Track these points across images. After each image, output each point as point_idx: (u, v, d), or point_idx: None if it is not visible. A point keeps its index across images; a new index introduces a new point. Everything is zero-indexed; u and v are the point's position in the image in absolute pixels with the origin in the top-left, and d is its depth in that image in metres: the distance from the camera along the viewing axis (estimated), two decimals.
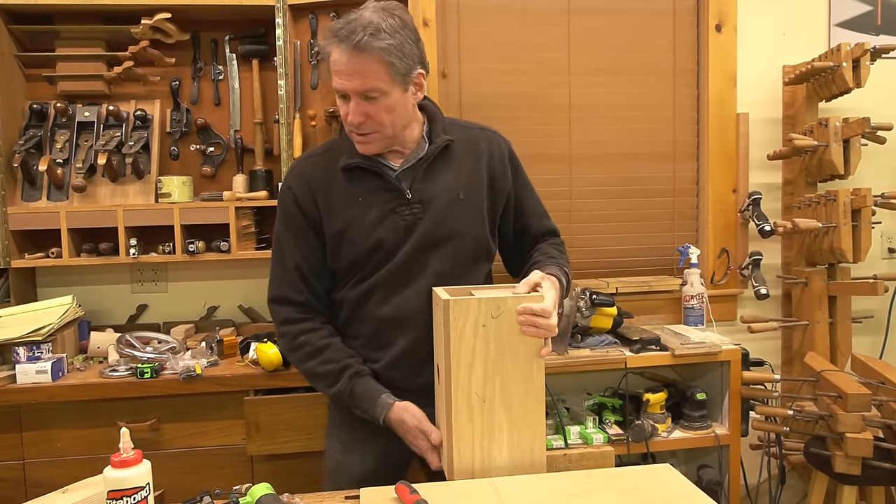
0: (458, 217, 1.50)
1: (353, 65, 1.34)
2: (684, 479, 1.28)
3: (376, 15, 1.35)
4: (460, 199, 1.50)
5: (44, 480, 1.94)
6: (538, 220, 1.64)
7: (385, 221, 1.46)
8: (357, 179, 1.48)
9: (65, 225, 2.19)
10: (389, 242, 1.46)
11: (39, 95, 2.34)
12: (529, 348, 1.29)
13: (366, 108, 1.38)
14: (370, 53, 1.33)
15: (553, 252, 1.57)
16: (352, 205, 1.47)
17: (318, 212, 1.49)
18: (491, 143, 1.58)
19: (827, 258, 2.44)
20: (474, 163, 1.54)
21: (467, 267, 1.53)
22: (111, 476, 1.02)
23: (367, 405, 1.46)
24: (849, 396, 1.93)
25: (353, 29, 1.33)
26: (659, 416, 2.22)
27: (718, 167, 2.61)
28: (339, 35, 1.34)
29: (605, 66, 2.59)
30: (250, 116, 2.42)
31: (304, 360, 1.52)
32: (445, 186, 1.49)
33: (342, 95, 1.39)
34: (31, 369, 1.95)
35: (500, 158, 1.57)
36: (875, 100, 2.57)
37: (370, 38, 1.32)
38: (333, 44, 1.36)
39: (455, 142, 1.52)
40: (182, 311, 2.50)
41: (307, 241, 1.51)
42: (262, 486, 1.17)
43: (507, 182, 1.58)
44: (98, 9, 2.24)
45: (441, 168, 1.50)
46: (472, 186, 1.52)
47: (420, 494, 1.17)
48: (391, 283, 1.48)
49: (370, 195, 1.47)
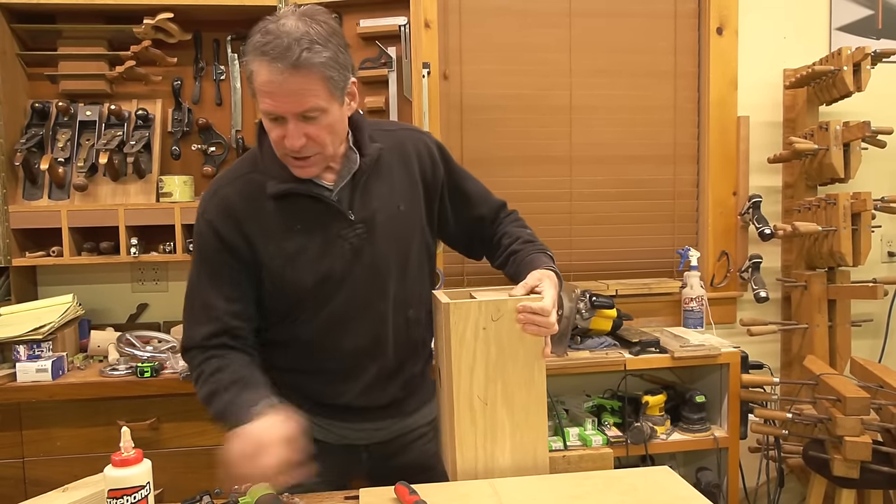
0: (402, 229, 1.42)
1: (290, 84, 1.18)
2: (683, 482, 1.28)
3: (303, 24, 1.19)
4: (400, 211, 1.41)
5: (43, 479, 1.94)
6: (486, 202, 1.55)
7: (331, 248, 1.33)
8: (291, 205, 1.32)
9: (66, 224, 2.19)
10: (338, 270, 1.34)
11: (41, 94, 2.35)
12: (530, 350, 1.29)
13: (305, 130, 1.22)
14: (308, 70, 1.18)
15: (526, 236, 1.50)
16: (290, 234, 1.32)
17: (246, 244, 1.32)
18: (418, 143, 1.46)
19: (827, 262, 2.44)
20: (406, 168, 1.43)
21: (416, 279, 1.46)
22: (111, 475, 1.02)
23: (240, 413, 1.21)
24: (848, 400, 1.93)
25: (286, 45, 1.16)
26: (658, 418, 2.22)
27: (719, 170, 2.61)
28: (269, 52, 1.17)
29: (605, 69, 2.59)
30: (252, 116, 2.42)
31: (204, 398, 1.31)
32: (384, 201, 1.38)
33: (274, 118, 1.22)
34: (32, 368, 1.96)
35: (428, 157, 1.46)
36: (875, 104, 2.57)
37: (307, 54, 1.17)
38: (261, 62, 1.18)
39: (384, 149, 1.40)
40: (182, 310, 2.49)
41: (233, 281, 1.33)
42: (262, 486, 1.17)
43: (439, 179, 1.48)
44: (100, 8, 2.24)
45: (376, 182, 1.38)
46: (408, 194, 1.43)
47: (419, 495, 1.18)
48: (349, 312, 1.37)
49: (309, 221, 1.33)
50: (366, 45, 2.35)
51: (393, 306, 1.40)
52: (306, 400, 1.43)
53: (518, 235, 1.50)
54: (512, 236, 1.51)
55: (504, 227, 1.55)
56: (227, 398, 1.24)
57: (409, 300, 1.43)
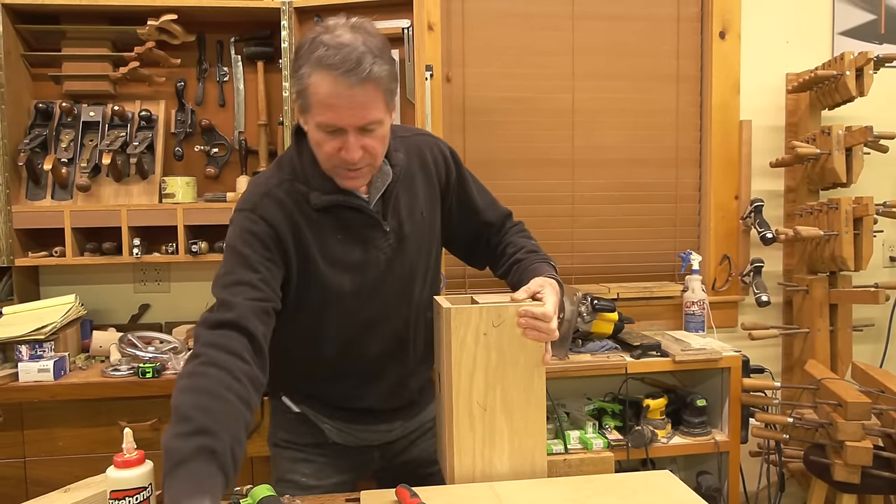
0: (425, 236, 1.45)
1: (357, 98, 1.18)
2: (683, 486, 1.28)
3: (360, 36, 1.19)
4: (423, 217, 1.44)
5: (45, 479, 1.95)
6: (493, 209, 1.57)
7: (368, 259, 1.35)
8: (334, 216, 1.33)
9: (68, 224, 2.20)
10: (371, 280, 1.36)
11: (45, 95, 2.35)
12: (531, 357, 1.29)
13: (363, 142, 1.23)
14: (375, 84, 1.19)
15: (530, 246, 1.50)
16: (333, 244, 1.33)
17: (296, 248, 1.31)
18: (433, 149, 1.48)
19: (828, 266, 2.44)
20: (426, 175, 1.45)
21: (436, 278, 1.51)
22: (114, 476, 1.02)
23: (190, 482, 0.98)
24: (849, 405, 1.93)
25: (356, 59, 1.16)
26: (659, 421, 2.22)
27: (721, 174, 2.61)
28: (339, 66, 1.16)
29: (608, 72, 2.59)
30: (254, 118, 2.42)
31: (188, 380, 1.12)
32: (410, 209, 1.41)
33: (332, 131, 1.22)
34: (34, 368, 1.96)
35: (443, 162, 1.48)
36: (878, 108, 2.57)
37: (376, 68, 1.18)
38: (326, 75, 1.17)
39: (403, 156, 1.41)
40: (184, 311, 2.50)
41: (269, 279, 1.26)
42: (263, 488, 1.17)
43: (452, 184, 1.50)
44: (104, 9, 2.25)
45: (402, 190, 1.40)
46: (429, 201, 1.45)
47: (420, 498, 1.18)
48: (378, 319, 1.40)
49: (351, 232, 1.34)
50: None
51: (416, 310, 1.44)
52: (326, 406, 1.48)
53: (522, 245, 1.51)
54: (516, 246, 1.52)
55: (509, 236, 1.56)
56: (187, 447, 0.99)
57: (428, 303, 1.46)
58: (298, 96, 1.23)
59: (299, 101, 1.23)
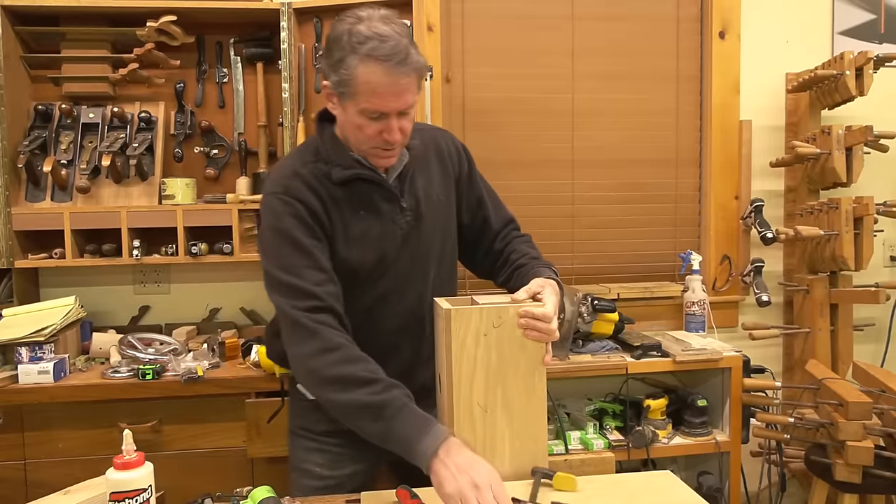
0: (442, 219, 1.52)
1: (402, 84, 1.29)
2: (684, 486, 1.28)
3: (395, 27, 1.29)
4: (440, 201, 1.51)
5: (45, 481, 1.94)
6: (496, 210, 1.61)
7: (387, 233, 1.43)
8: (355, 190, 1.41)
9: (68, 226, 2.19)
10: (390, 253, 1.43)
11: (44, 97, 2.35)
12: (531, 357, 1.29)
13: (401, 124, 1.34)
14: (416, 72, 1.31)
15: (533, 253, 1.55)
16: (355, 218, 1.41)
17: (328, 221, 1.39)
18: (448, 141, 1.57)
19: (829, 266, 2.44)
20: (441, 163, 1.53)
21: (452, 268, 1.57)
22: (113, 478, 1.02)
23: (415, 436, 1.22)
24: (850, 405, 1.93)
25: (402, 49, 1.26)
26: (659, 422, 2.22)
27: (721, 174, 2.61)
28: (390, 57, 1.25)
29: (608, 72, 2.59)
30: (254, 119, 2.42)
31: (342, 364, 1.29)
32: (426, 191, 1.48)
33: (376, 116, 1.31)
34: (34, 370, 1.96)
35: (455, 153, 1.57)
36: (878, 108, 2.57)
37: (417, 57, 1.30)
38: (376, 65, 1.26)
39: (418, 143, 1.49)
40: (184, 312, 2.50)
41: (325, 249, 1.38)
42: (263, 490, 1.17)
43: (464, 175, 1.57)
44: (104, 11, 2.25)
45: (418, 172, 1.48)
46: (444, 186, 1.53)
47: (420, 498, 1.18)
48: (395, 293, 1.45)
49: (370, 206, 1.42)
50: None
51: (430, 289, 1.48)
52: None
53: (525, 252, 1.54)
54: (519, 253, 1.55)
55: (513, 244, 1.58)
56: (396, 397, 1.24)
57: (445, 287, 1.51)
58: (340, 85, 1.30)
59: (340, 89, 1.31)
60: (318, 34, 2.36)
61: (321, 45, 2.37)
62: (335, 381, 1.27)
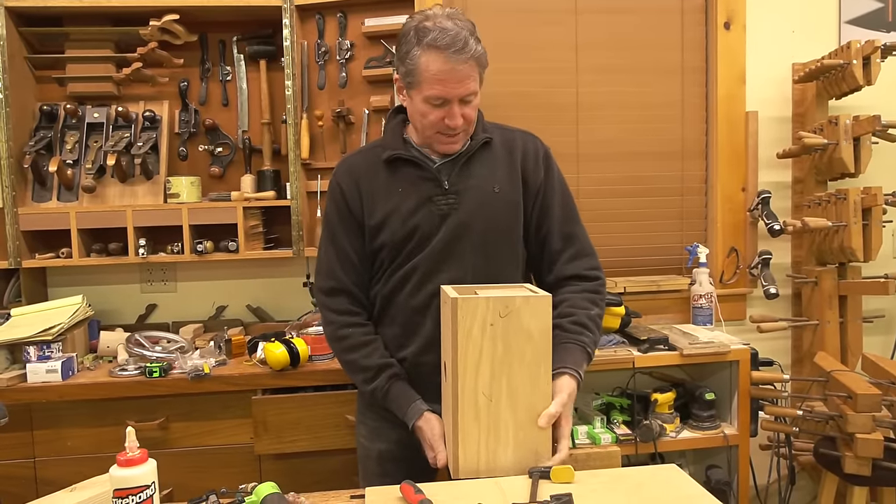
0: (493, 209, 1.53)
1: (462, 72, 1.41)
2: (690, 480, 1.27)
3: (459, 23, 1.42)
4: (495, 192, 1.54)
5: (54, 478, 1.96)
6: (562, 230, 1.59)
7: (421, 210, 1.51)
8: (398, 170, 1.54)
9: (75, 225, 2.21)
10: (424, 230, 1.50)
11: (49, 97, 2.36)
12: (537, 349, 1.28)
13: (464, 111, 1.46)
14: (476, 61, 1.42)
15: (580, 315, 1.51)
16: (392, 194, 1.52)
17: (361, 204, 1.55)
18: (527, 142, 1.62)
19: (837, 257, 2.42)
20: (510, 160, 1.58)
21: (500, 262, 1.55)
22: (117, 475, 1.02)
23: (400, 407, 1.51)
24: (859, 397, 1.91)
25: (464, 39, 1.39)
26: (667, 415, 2.21)
27: (727, 166, 2.59)
28: (451, 46, 1.38)
29: (612, 65, 2.58)
30: (258, 117, 2.43)
31: (345, 351, 1.57)
32: (481, 181, 1.54)
33: (440, 103, 1.44)
34: (42, 368, 1.97)
35: (534, 156, 1.60)
36: (885, 97, 2.54)
37: (478, 47, 1.42)
38: (438, 54, 1.39)
39: (493, 140, 1.57)
40: (191, 310, 2.51)
41: (354, 233, 1.56)
42: (268, 486, 1.17)
43: (539, 179, 1.58)
44: (107, 10, 2.26)
45: (478, 164, 1.55)
46: (507, 181, 1.56)
47: (425, 494, 1.17)
48: (425, 271, 1.51)
49: (409, 185, 1.52)
50: (371, 44, 2.35)
51: (469, 278, 1.50)
52: None
53: (572, 313, 1.51)
54: (568, 305, 1.52)
55: (568, 291, 1.56)
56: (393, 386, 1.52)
57: (492, 275, 1.52)
58: (407, 75, 1.45)
59: (407, 79, 1.46)
60: (320, 31, 2.36)
61: (323, 41, 2.37)
62: (343, 364, 1.59)
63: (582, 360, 1.45)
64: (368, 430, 1.66)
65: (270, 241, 2.40)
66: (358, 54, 2.36)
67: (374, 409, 1.64)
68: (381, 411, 1.62)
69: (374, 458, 1.63)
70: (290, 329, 2.27)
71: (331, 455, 1.98)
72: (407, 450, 1.60)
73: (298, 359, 2.02)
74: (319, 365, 2.07)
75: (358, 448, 1.71)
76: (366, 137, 2.35)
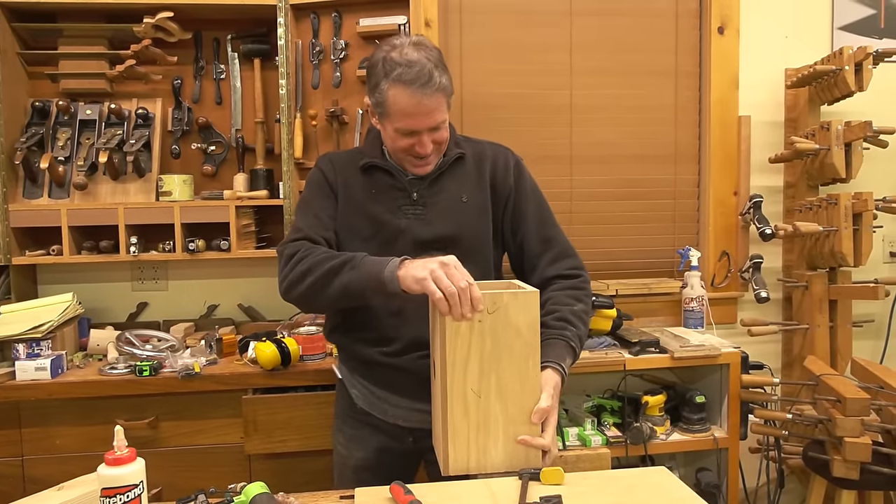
0: (461, 217, 1.57)
1: (429, 105, 1.43)
2: (680, 482, 1.27)
3: (423, 52, 1.44)
4: (463, 202, 1.58)
5: (43, 477, 1.95)
6: (539, 235, 1.61)
7: (390, 214, 1.54)
8: (372, 176, 1.58)
9: (66, 222, 2.19)
10: (388, 235, 1.53)
11: (42, 93, 2.35)
12: (526, 344, 1.28)
13: (433, 137, 1.49)
14: (442, 93, 1.45)
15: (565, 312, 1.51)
16: (364, 197, 1.57)
17: (338, 188, 1.59)
18: (497, 153, 1.65)
19: (828, 262, 2.43)
20: (479, 171, 1.61)
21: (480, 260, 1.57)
22: (105, 474, 1.02)
23: (376, 263, 1.37)
24: (847, 401, 1.92)
25: (428, 73, 1.41)
26: (658, 418, 2.22)
27: (720, 170, 2.60)
28: (415, 80, 1.41)
29: (606, 68, 2.58)
30: (251, 115, 2.42)
31: (308, 261, 1.45)
32: (449, 193, 1.58)
33: (407, 133, 1.47)
34: (31, 366, 1.96)
35: (503, 166, 1.63)
36: (877, 103, 2.56)
37: (443, 80, 1.44)
38: (404, 89, 1.42)
39: (465, 155, 1.60)
40: (182, 309, 2.50)
41: (329, 200, 1.59)
42: (257, 486, 1.17)
43: (508, 188, 1.61)
44: (100, 7, 2.25)
45: (449, 178, 1.58)
46: (474, 189, 1.59)
47: (414, 495, 1.17)
48: None
49: (380, 191, 1.57)
50: (365, 45, 2.35)
51: None
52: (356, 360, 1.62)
53: (555, 310, 1.51)
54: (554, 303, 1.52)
55: (552, 291, 1.56)
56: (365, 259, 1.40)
57: None
58: (377, 106, 1.49)
59: (378, 109, 1.50)
60: (314, 30, 2.36)
61: (318, 40, 2.36)
62: (308, 271, 1.44)
63: (565, 353, 1.45)
64: (347, 437, 1.67)
65: (263, 241, 2.39)
66: (352, 54, 2.36)
67: (354, 415, 1.64)
68: (361, 417, 1.62)
69: (351, 467, 1.64)
70: (281, 328, 2.27)
71: (321, 455, 1.97)
72: (386, 457, 1.61)
73: (289, 358, 2.01)
74: (310, 365, 2.06)
75: (335, 455, 1.71)
76: (359, 137, 2.35)
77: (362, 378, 1.62)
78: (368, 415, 1.62)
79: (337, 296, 1.41)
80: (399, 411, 1.59)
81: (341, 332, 1.63)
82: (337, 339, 1.66)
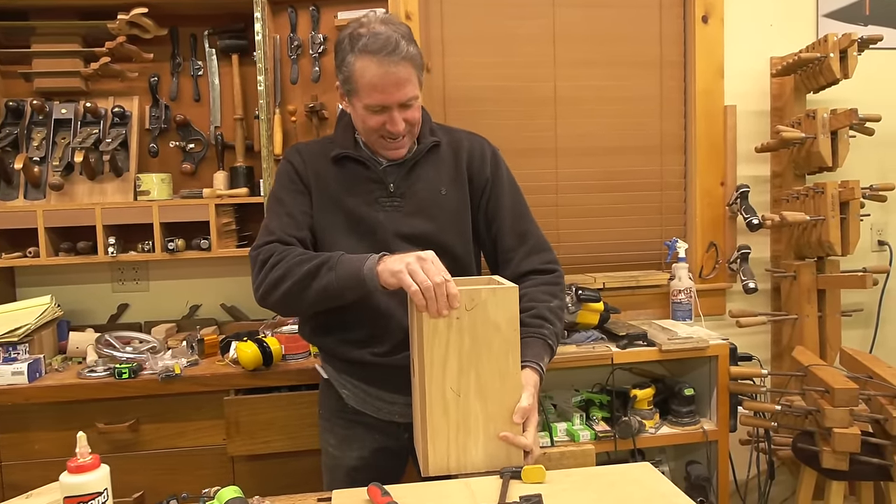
0: (440, 210, 1.54)
1: (398, 75, 1.38)
2: (663, 478, 1.25)
3: (392, 27, 1.40)
4: (442, 194, 1.54)
5: (21, 483, 1.91)
6: (515, 227, 1.57)
7: (367, 208, 1.50)
8: (345, 168, 1.53)
9: (42, 224, 2.16)
10: (366, 228, 1.50)
11: (15, 93, 2.31)
12: (505, 341, 1.26)
13: (405, 115, 1.44)
14: (410, 62, 1.40)
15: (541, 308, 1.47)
16: (338, 189, 1.52)
17: (310, 182, 1.53)
18: (473, 143, 1.61)
19: (815, 251, 2.42)
20: (456, 161, 1.58)
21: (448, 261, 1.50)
22: (67, 482, 0.99)
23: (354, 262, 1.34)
24: (836, 391, 1.90)
25: (395, 41, 1.36)
26: (647, 412, 2.20)
27: (706, 160, 2.58)
28: (381, 49, 1.36)
29: (590, 59, 2.55)
30: (230, 112, 2.38)
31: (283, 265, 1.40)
32: (427, 183, 1.54)
33: (378, 110, 1.42)
34: (7, 370, 1.92)
35: (480, 156, 1.60)
36: (863, 91, 2.54)
37: (412, 49, 1.39)
38: (370, 59, 1.37)
39: (441, 143, 1.57)
40: (164, 309, 2.47)
41: (302, 195, 1.53)
42: (231, 490, 1.14)
43: (485, 178, 1.58)
44: (74, 5, 2.20)
45: (425, 167, 1.54)
46: (453, 182, 1.56)
47: (392, 496, 1.15)
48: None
49: (355, 184, 1.52)
50: None
51: None
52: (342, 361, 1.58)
53: (532, 307, 1.48)
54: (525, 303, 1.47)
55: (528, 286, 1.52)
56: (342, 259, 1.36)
57: None
58: (344, 83, 1.44)
59: (346, 86, 1.44)
60: (292, 24, 2.32)
61: (296, 35, 2.33)
62: (283, 277, 1.39)
63: (543, 352, 1.42)
64: (338, 438, 1.62)
65: (244, 239, 2.36)
66: (331, 48, 2.31)
67: (344, 415, 1.61)
68: (352, 416, 1.59)
69: (344, 469, 1.60)
70: (264, 328, 2.24)
71: (305, 455, 1.95)
72: (381, 455, 1.58)
73: (271, 358, 1.98)
74: (293, 364, 2.03)
75: (324, 457, 1.67)
76: None
77: (351, 377, 1.59)
78: (360, 413, 1.59)
79: (316, 299, 1.39)
80: (395, 407, 1.56)
81: (321, 335, 1.59)
82: (318, 342, 1.62)
